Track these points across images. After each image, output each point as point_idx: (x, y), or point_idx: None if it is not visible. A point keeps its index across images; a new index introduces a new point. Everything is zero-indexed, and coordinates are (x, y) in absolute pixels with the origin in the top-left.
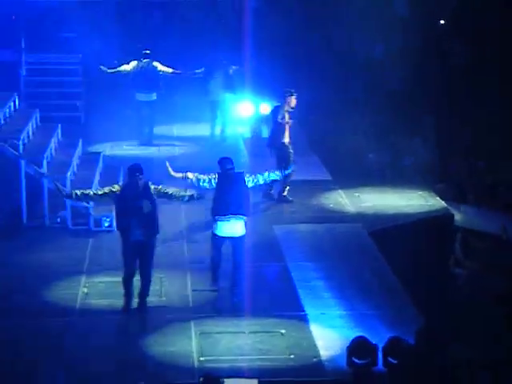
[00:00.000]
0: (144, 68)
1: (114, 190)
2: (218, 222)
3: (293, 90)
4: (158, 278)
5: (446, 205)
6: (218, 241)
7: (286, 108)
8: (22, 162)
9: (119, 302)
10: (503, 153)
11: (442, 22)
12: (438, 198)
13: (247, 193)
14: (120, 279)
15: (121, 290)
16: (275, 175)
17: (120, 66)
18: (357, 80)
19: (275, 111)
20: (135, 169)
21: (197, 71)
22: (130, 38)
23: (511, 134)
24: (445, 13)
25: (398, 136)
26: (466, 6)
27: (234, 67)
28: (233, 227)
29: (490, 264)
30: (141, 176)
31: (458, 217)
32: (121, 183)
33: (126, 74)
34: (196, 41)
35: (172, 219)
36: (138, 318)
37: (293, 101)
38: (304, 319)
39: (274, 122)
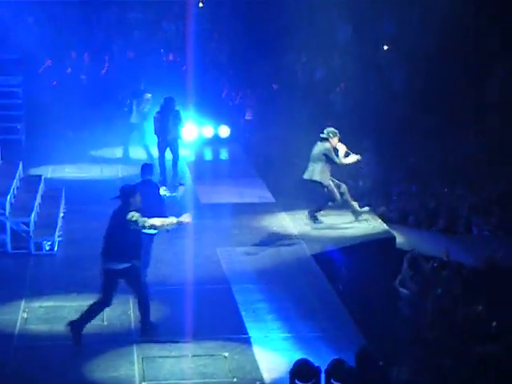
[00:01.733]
0: None
1: None
2: None
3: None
4: None
5: (387, 227)
6: None
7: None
8: None
9: (60, 327)
10: (441, 178)
11: (385, 47)
12: (380, 221)
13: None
14: (61, 303)
15: (62, 314)
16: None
17: None
18: (301, 104)
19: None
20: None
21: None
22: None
23: (449, 160)
24: (386, 39)
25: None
26: (405, 31)
27: (148, 95)
28: None
29: (431, 286)
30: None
31: (400, 239)
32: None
33: None
34: (142, 60)
35: None
36: (79, 344)
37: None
38: (247, 342)
39: None
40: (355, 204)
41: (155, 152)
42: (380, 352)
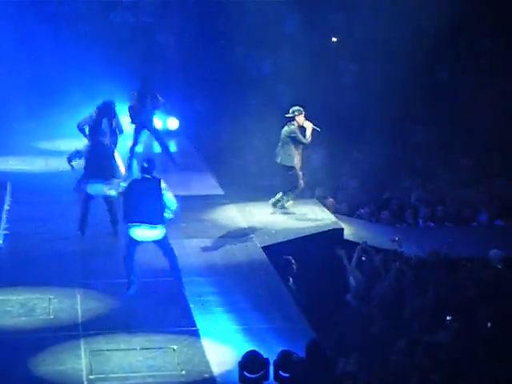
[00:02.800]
0: None
1: None
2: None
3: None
4: (46, 297)
5: (335, 219)
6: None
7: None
8: None
9: (5, 321)
10: (389, 170)
11: (334, 39)
12: (327, 212)
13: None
14: (6, 297)
15: (7, 308)
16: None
17: None
18: (250, 97)
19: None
20: None
21: None
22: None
23: (398, 152)
24: (336, 31)
25: None
26: (356, 24)
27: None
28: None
29: (378, 278)
30: None
31: (348, 231)
32: None
33: None
34: (88, 53)
35: (62, 232)
36: (26, 338)
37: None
38: (196, 334)
39: None
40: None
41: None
42: (328, 344)
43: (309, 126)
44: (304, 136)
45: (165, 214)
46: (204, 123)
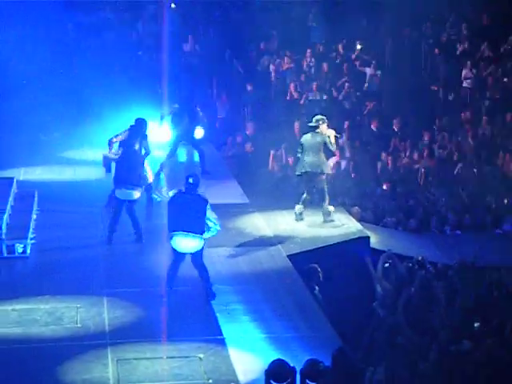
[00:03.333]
0: None
1: None
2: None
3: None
4: (73, 306)
5: (361, 227)
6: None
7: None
8: None
9: (33, 330)
10: (417, 178)
11: (358, 46)
12: (353, 221)
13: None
14: (34, 306)
15: (35, 317)
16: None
17: None
18: (274, 104)
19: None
20: None
21: None
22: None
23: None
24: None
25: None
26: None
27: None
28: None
29: (404, 285)
30: None
31: (374, 239)
32: None
33: None
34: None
35: (89, 240)
36: (53, 346)
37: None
38: (222, 343)
39: None
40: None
41: None
42: (356, 353)
43: (332, 133)
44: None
45: (206, 232)
46: (230, 131)
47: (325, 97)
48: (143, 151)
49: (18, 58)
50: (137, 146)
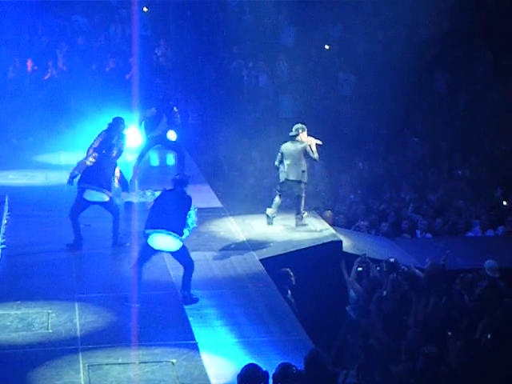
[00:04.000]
0: None
1: None
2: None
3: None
4: (44, 311)
5: (334, 231)
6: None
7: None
8: None
9: (3, 336)
10: (388, 183)
11: (326, 46)
12: (326, 225)
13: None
14: (4, 312)
15: (5, 322)
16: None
17: None
18: (247, 109)
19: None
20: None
21: None
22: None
23: (396, 164)
24: (330, 39)
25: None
26: (354, 34)
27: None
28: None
29: (376, 289)
30: None
31: (347, 243)
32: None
33: None
34: (86, 66)
35: (60, 245)
36: (24, 352)
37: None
38: (195, 348)
39: None
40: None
41: None
42: (328, 356)
43: (312, 141)
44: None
45: (184, 230)
46: (202, 135)
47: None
48: (115, 152)
49: None
50: (114, 150)
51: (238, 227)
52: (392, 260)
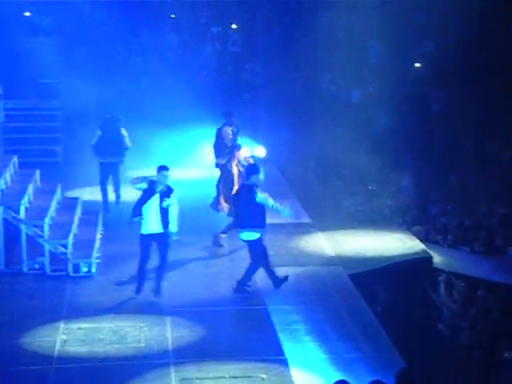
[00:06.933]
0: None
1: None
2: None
3: (239, 145)
4: (137, 325)
5: (424, 247)
6: None
7: (235, 162)
8: (0, 209)
9: (98, 349)
10: (481, 197)
11: (417, 64)
12: (416, 241)
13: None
14: (99, 325)
15: (100, 335)
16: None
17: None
18: (337, 123)
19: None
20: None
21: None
22: (109, 83)
23: (489, 179)
24: (419, 56)
25: (379, 178)
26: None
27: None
28: None
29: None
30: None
31: (437, 259)
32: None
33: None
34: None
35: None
36: (118, 365)
37: (241, 154)
38: (284, 363)
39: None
40: None
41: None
42: (419, 373)
43: None
44: None
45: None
46: (292, 150)
47: None
48: None
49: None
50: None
51: (327, 243)
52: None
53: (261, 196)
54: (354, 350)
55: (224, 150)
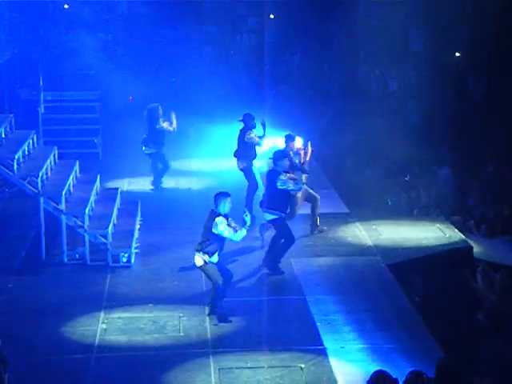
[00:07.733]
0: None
1: None
2: None
3: (294, 134)
4: (176, 314)
5: (463, 237)
6: None
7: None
8: (41, 199)
9: (138, 338)
10: None
11: (457, 54)
12: (455, 230)
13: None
14: (138, 314)
15: (139, 325)
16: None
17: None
18: (375, 113)
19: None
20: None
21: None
22: (149, 74)
23: None
24: (459, 45)
25: (416, 168)
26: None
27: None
28: None
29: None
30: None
31: (476, 249)
32: None
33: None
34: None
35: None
36: (157, 355)
37: (296, 144)
38: (323, 353)
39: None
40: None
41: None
42: (459, 363)
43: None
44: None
45: None
46: (329, 140)
47: None
48: None
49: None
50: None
51: (364, 232)
52: None
53: (280, 182)
54: (392, 340)
55: (248, 153)
